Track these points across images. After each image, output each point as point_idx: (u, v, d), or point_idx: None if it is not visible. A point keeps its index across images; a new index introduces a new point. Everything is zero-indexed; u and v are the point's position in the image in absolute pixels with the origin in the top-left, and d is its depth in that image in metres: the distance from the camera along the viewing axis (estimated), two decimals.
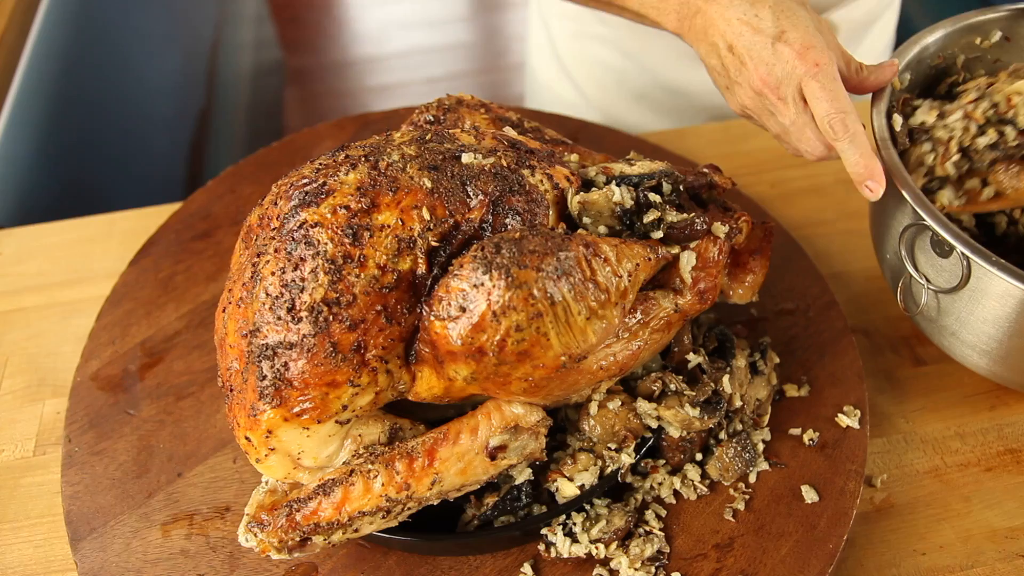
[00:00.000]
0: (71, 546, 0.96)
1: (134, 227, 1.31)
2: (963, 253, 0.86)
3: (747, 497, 0.97)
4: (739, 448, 0.97)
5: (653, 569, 0.92)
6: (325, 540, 0.86)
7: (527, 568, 0.93)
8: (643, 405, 0.93)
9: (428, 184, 0.83)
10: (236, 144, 2.48)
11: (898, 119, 0.99)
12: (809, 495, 0.97)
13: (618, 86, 1.51)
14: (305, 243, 0.81)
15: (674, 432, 0.95)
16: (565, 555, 0.92)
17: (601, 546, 0.92)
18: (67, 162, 1.64)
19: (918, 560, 0.96)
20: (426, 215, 0.82)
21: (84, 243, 1.30)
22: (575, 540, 0.93)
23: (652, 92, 1.48)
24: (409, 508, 0.87)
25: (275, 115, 3.13)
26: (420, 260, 0.81)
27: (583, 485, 0.93)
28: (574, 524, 0.93)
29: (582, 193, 0.89)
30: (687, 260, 0.91)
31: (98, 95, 1.82)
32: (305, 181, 0.85)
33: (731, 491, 0.98)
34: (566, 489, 0.93)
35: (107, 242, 1.30)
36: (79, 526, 0.98)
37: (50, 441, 1.08)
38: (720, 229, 0.93)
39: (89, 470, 1.02)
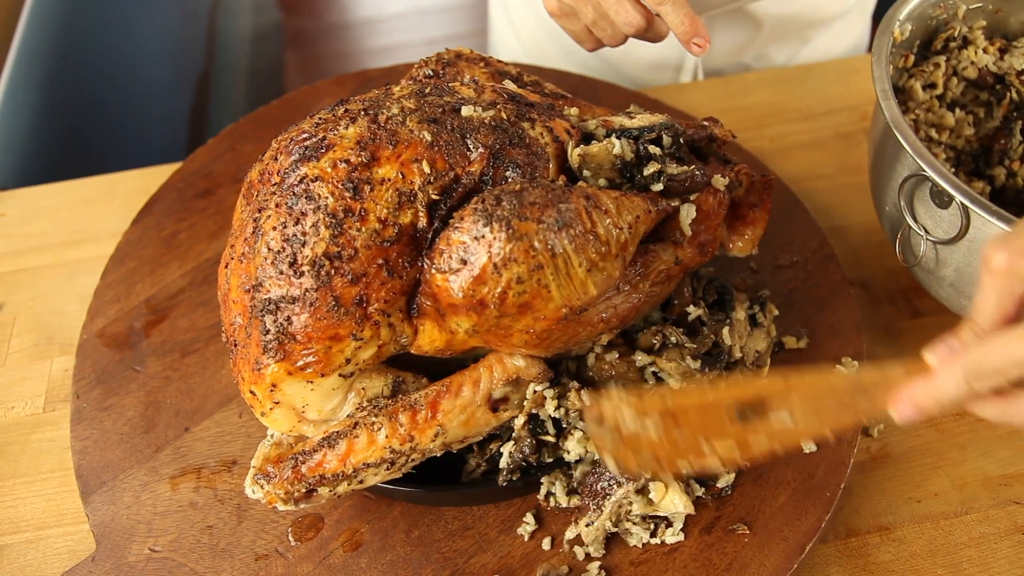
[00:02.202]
0: (82, 499, 0.98)
1: (136, 187, 1.31)
2: (962, 203, 0.86)
3: None
4: None
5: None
6: (330, 491, 0.87)
7: (529, 518, 0.94)
8: (641, 357, 0.94)
9: (428, 137, 0.83)
10: (237, 107, 2.48)
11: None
12: (807, 445, 0.98)
13: (549, 38, 1.52)
14: (306, 197, 0.82)
15: (674, 384, 0.96)
16: (564, 505, 0.93)
17: None
18: (68, 125, 1.64)
19: (913, 507, 0.98)
20: (426, 168, 0.82)
21: (87, 203, 1.30)
22: (575, 491, 0.94)
23: (578, 50, 1.48)
24: (413, 460, 0.88)
25: (275, 78, 3.12)
26: (421, 213, 0.82)
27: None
28: (574, 474, 0.94)
29: (582, 146, 0.89)
30: (687, 213, 0.91)
31: (98, 58, 1.81)
32: (305, 136, 0.85)
33: None
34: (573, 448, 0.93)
35: (110, 202, 1.30)
36: (89, 480, 0.99)
37: (59, 398, 1.10)
38: (720, 182, 0.93)
39: (98, 425, 1.03)
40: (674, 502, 0.90)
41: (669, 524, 0.93)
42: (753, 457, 0.77)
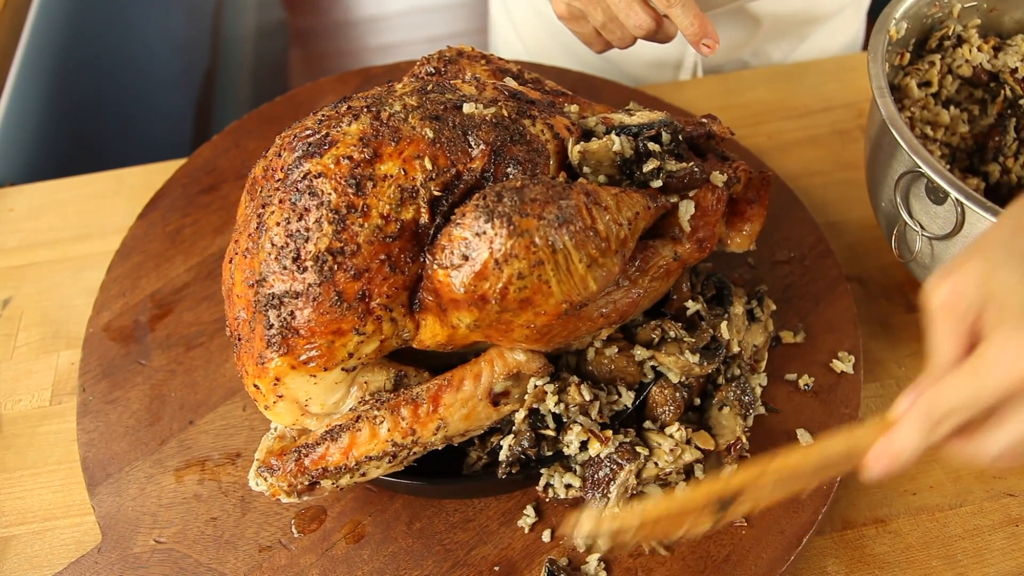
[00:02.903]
0: (88, 491, 0.99)
1: (142, 182, 1.32)
2: (957, 199, 0.87)
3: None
4: (738, 392, 0.99)
5: None
6: (333, 484, 0.88)
7: (529, 510, 0.95)
8: (640, 351, 0.95)
9: (430, 134, 0.84)
10: (241, 104, 2.48)
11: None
12: (804, 438, 0.99)
13: (550, 37, 1.52)
14: (309, 193, 0.82)
15: (673, 377, 0.97)
16: (563, 496, 0.94)
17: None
18: (75, 121, 1.65)
19: (909, 500, 0.99)
20: (428, 165, 0.83)
21: (93, 199, 1.32)
22: (571, 485, 0.95)
23: (579, 49, 1.49)
24: (415, 453, 0.89)
25: (279, 75, 3.13)
26: (423, 209, 0.83)
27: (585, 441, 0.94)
28: (575, 466, 0.95)
29: (582, 143, 0.89)
30: (686, 209, 0.92)
31: (104, 56, 1.82)
32: (308, 132, 0.86)
33: None
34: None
35: (116, 197, 1.31)
36: (95, 472, 1.00)
37: (65, 391, 1.11)
38: (718, 178, 0.94)
39: (103, 418, 1.05)
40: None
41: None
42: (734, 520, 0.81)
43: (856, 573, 0.94)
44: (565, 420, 0.91)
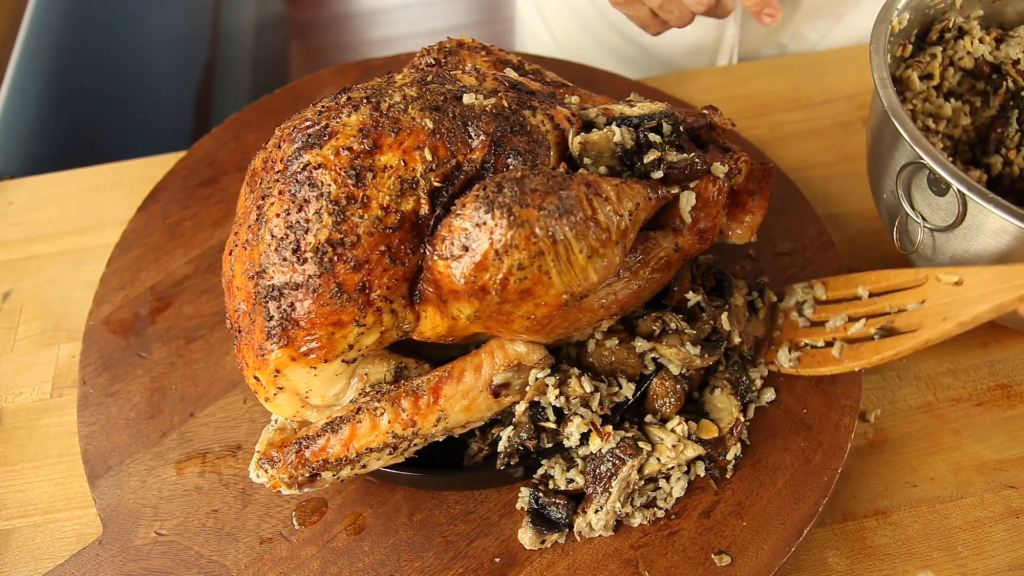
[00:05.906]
0: (89, 484, 0.99)
1: (142, 175, 1.32)
2: (959, 191, 0.87)
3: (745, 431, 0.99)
4: (729, 376, 0.99)
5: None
6: (334, 476, 0.88)
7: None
8: (640, 343, 0.95)
9: (430, 125, 0.84)
10: (241, 97, 2.48)
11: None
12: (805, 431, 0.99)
13: (583, 31, 1.52)
14: (309, 185, 0.82)
15: (674, 369, 0.97)
16: (563, 488, 0.94)
17: None
18: (74, 114, 1.65)
19: (909, 492, 0.99)
20: (428, 155, 0.83)
21: (93, 191, 1.31)
22: (573, 480, 0.95)
23: (612, 40, 1.49)
24: (415, 444, 0.89)
25: (279, 68, 3.13)
26: (423, 200, 0.82)
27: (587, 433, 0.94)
28: (576, 459, 0.95)
29: (583, 134, 0.89)
30: (687, 200, 0.92)
31: (104, 48, 1.82)
32: (308, 123, 0.86)
33: None
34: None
35: (116, 190, 1.31)
36: (96, 465, 1.00)
37: (66, 384, 1.11)
38: (719, 169, 0.94)
39: (104, 411, 1.04)
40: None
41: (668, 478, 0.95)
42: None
43: (857, 565, 0.94)
44: (566, 412, 0.91)
